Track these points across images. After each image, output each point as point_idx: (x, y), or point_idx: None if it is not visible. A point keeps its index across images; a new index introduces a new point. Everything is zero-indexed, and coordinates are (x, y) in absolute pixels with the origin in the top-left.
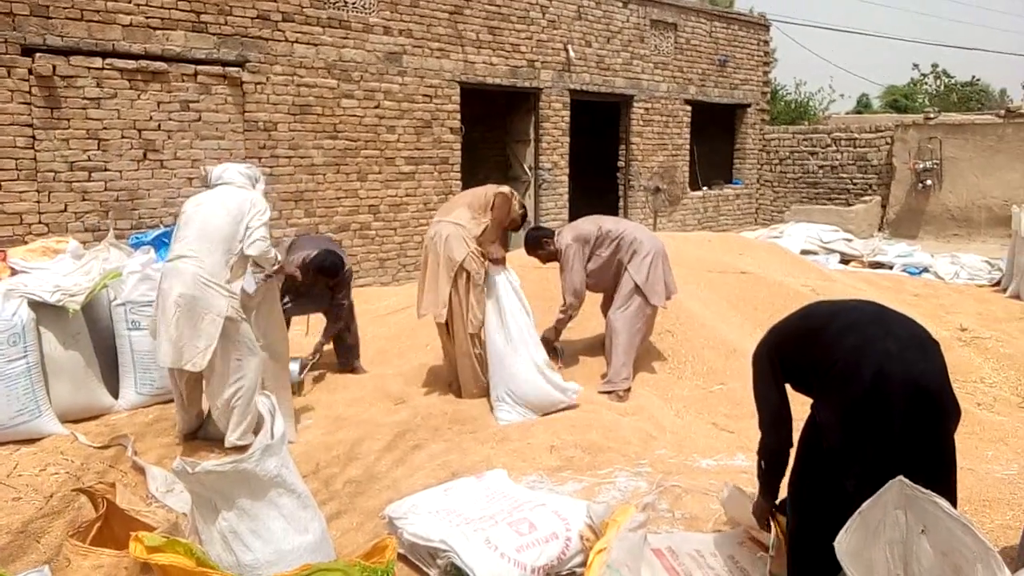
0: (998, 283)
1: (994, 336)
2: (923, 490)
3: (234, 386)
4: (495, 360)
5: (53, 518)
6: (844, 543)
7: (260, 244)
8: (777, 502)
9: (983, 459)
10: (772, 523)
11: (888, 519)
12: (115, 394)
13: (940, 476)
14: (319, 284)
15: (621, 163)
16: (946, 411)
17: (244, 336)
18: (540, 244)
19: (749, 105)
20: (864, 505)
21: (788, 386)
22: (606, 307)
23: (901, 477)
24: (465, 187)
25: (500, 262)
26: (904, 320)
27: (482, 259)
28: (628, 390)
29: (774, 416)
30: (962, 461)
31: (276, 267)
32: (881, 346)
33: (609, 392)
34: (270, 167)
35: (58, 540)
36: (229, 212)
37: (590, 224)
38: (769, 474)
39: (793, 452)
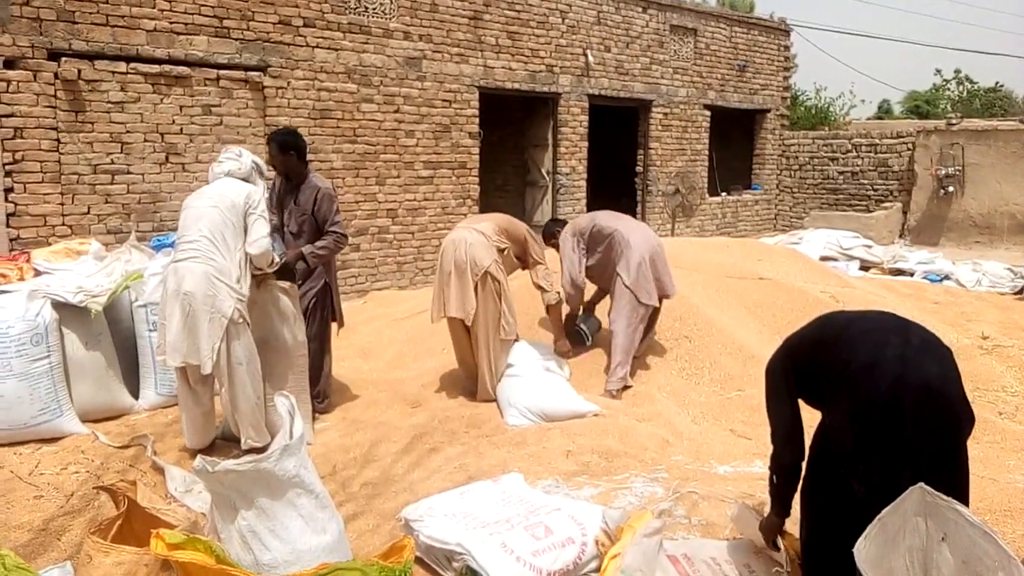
0: (1021, 291)
1: (1016, 344)
2: (944, 497)
3: (237, 390)
4: (513, 380)
5: (74, 516)
6: (863, 550)
7: (262, 243)
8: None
9: (1005, 468)
10: (781, 541)
11: (908, 526)
12: (136, 394)
13: (952, 482)
14: (291, 180)
15: (639, 168)
16: (958, 417)
17: (245, 340)
18: (553, 234)
19: (769, 110)
20: (884, 512)
21: (801, 401)
22: (593, 303)
23: (922, 484)
24: (483, 192)
25: (565, 356)
26: (917, 327)
27: (505, 271)
28: (622, 389)
29: (787, 429)
30: (983, 470)
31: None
32: (893, 351)
33: (606, 392)
34: None
35: (78, 538)
36: (229, 208)
37: (587, 219)
38: (782, 489)
39: (804, 461)
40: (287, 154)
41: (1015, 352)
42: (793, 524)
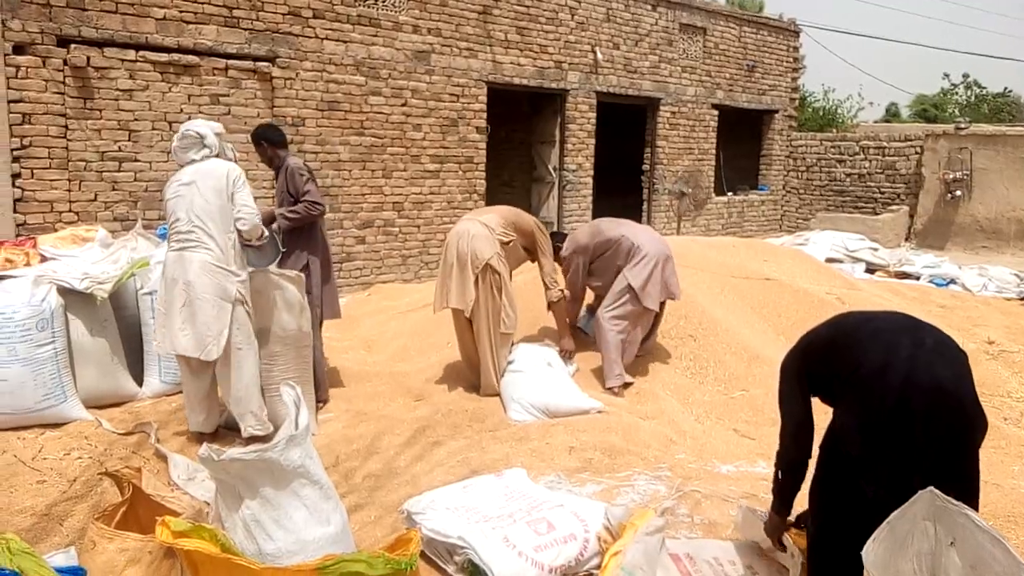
0: None
1: (1022, 350)
2: (954, 502)
3: (235, 374)
4: (517, 376)
5: (76, 502)
6: (871, 553)
7: (249, 219)
8: (792, 518)
9: (1009, 474)
10: (788, 540)
11: (917, 530)
12: (140, 382)
13: (963, 487)
14: (279, 176)
15: (646, 166)
16: (970, 420)
17: (244, 325)
18: (554, 250)
19: (777, 111)
20: (893, 515)
21: (815, 399)
22: (595, 306)
23: (932, 488)
24: (489, 187)
25: (569, 355)
26: (932, 330)
27: (508, 264)
28: (624, 386)
29: (797, 427)
30: (987, 476)
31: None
32: (907, 352)
33: (607, 390)
34: None
35: (81, 523)
36: (216, 190)
37: (587, 235)
38: (786, 485)
39: (814, 460)
40: (259, 145)
41: (1020, 358)
42: None
